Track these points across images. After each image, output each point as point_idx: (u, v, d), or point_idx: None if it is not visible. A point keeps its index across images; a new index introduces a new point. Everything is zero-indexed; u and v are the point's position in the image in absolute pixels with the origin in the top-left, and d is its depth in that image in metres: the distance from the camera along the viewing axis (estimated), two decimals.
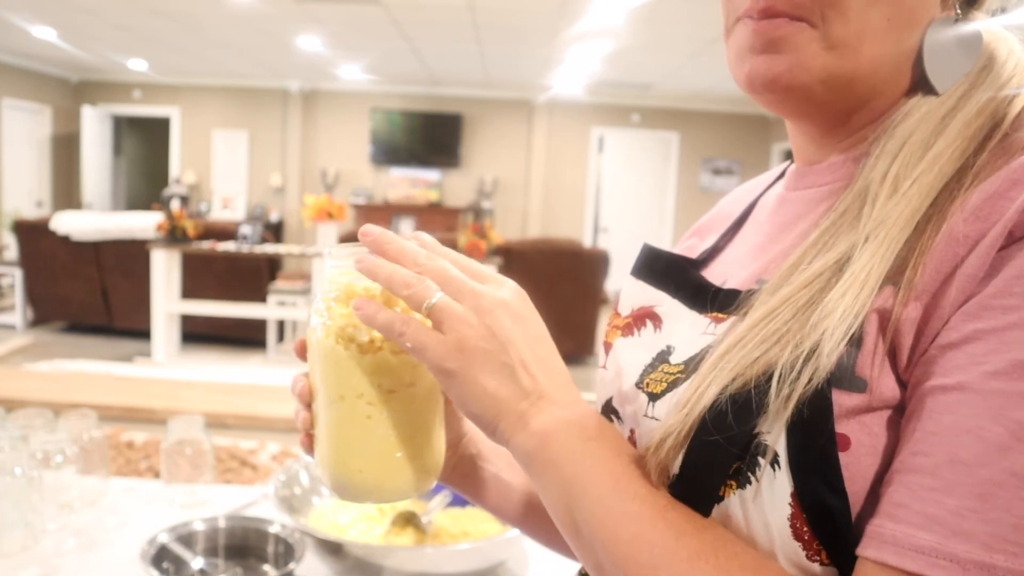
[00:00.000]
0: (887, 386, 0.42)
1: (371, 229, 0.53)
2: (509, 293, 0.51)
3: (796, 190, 0.57)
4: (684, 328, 0.54)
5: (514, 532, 1.04)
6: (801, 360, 0.42)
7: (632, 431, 0.54)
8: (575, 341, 6.24)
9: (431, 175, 10.25)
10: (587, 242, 9.95)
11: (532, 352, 0.50)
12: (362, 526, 1.11)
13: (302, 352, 0.57)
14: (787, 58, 0.48)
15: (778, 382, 0.42)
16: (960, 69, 0.49)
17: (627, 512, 0.45)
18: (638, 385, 0.54)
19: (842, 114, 0.52)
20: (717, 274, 0.58)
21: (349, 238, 6.19)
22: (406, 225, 6.12)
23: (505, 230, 9.26)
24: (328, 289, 0.55)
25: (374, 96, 10.13)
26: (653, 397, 0.51)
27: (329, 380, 0.54)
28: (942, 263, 0.42)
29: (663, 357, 0.54)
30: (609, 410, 0.58)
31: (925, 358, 0.41)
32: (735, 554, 0.43)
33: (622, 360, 0.57)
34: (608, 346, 0.61)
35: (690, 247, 0.68)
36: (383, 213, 9.73)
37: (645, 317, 0.58)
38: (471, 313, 0.49)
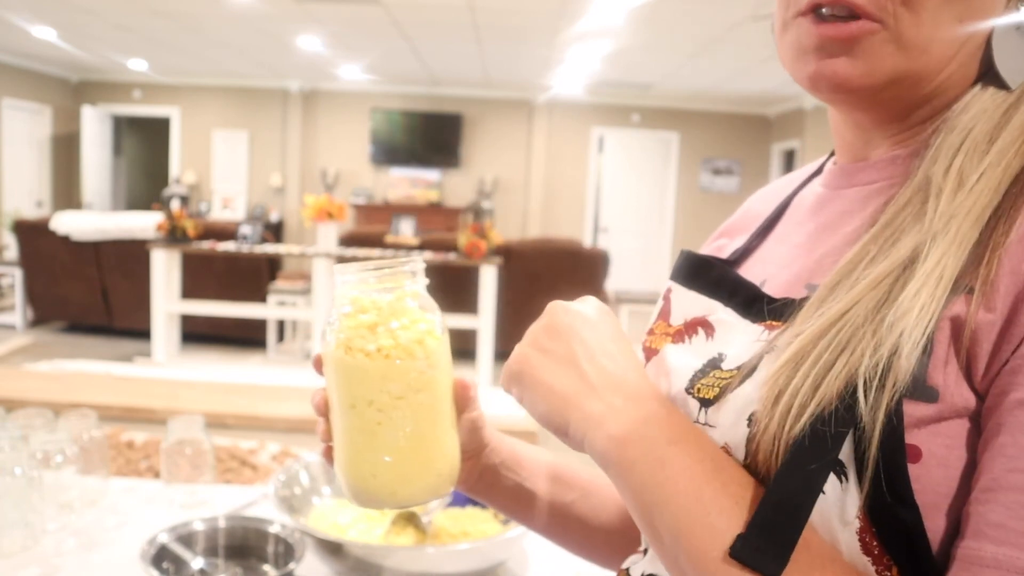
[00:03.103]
0: (960, 395, 0.41)
1: None
2: (579, 303, 0.53)
3: (841, 188, 0.55)
4: (737, 336, 0.52)
5: (514, 532, 1.04)
6: (882, 366, 0.40)
7: None
8: None
9: (431, 175, 10.24)
10: (587, 242, 9.95)
11: (600, 345, 0.50)
12: (362, 526, 1.11)
13: (319, 366, 0.59)
14: (857, 61, 0.47)
15: (864, 394, 0.40)
16: None
17: (712, 527, 0.43)
18: (688, 390, 0.52)
19: (904, 110, 0.51)
20: (754, 274, 0.57)
21: (349, 238, 6.20)
22: (406, 225, 6.11)
23: (505, 230, 9.26)
24: (338, 303, 0.57)
25: (374, 96, 10.13)
26: (705, 403, 0.50)
27: (341, 389, 0.56)
28: (1020, 265, 0.40)
29: (715, 363, 0.52)
30: None
31: (1009, 368, 0.39)
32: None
33: (671, 364, 0.56)
34: (652, 351, 0.59)
35: (719, 247, 0.66)
36: (383, 213, 9.72)
37: (697, 325, 0.57)
38: (539, 319, 0.52)
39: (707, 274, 0.59)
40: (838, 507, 0.41)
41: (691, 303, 0.58)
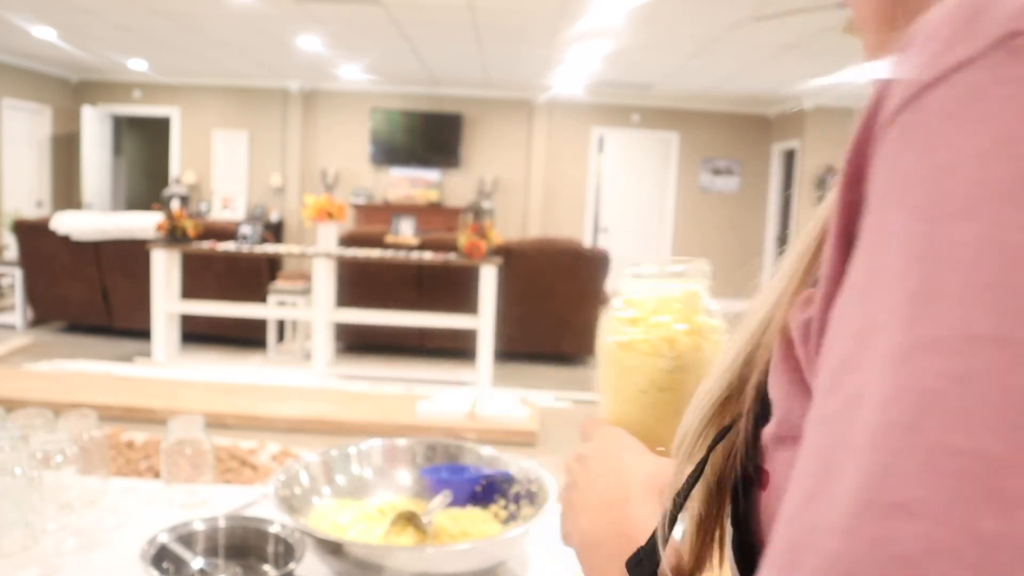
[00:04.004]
0: (793, 411, 0.34)
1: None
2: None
3: None
4: None
5: (514, 532, 1.04)
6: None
7: None
8: (575, 341, 6.23)
9: (431, 175, 10.24)
10: (587, 242, 9.94)
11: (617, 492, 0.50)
12: (362, 526, 1.11)
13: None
14: None
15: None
16: None
17: None
18: None
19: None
20: None
21: (349, 238, 6.19)
22: (406, 225, 6.11)
23: (505, 230, 9.25)
24: (618, 297, 0.62)
25: (374, 96, 10.13)
26: None
27: (602, 376, 0.61)
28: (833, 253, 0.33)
29: None
30: None
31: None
32: None
33: None
34: None
35: None
36: (383, 213, 9.71)
37: None
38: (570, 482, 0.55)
39: None
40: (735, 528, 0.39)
41: None
